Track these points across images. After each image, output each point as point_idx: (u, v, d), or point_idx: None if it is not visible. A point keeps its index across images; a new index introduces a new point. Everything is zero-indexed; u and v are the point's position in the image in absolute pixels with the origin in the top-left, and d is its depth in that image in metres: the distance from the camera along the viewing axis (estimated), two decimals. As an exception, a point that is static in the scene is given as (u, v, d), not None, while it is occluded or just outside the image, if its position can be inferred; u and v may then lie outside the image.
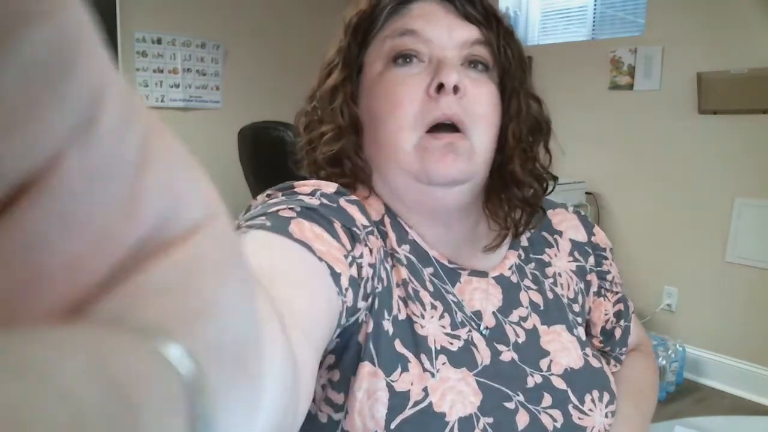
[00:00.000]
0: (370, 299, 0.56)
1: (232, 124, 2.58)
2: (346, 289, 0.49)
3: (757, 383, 2.30)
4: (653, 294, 2.59)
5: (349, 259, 0.51)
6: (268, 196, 0.56)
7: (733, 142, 2.29)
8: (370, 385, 0.54)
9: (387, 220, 0.63)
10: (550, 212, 0.73)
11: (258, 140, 2.24)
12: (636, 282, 2.60)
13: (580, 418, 0.63)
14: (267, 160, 2.14)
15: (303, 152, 0.68)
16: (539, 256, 0.71)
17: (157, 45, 2.85)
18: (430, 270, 0.63)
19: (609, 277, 0.76)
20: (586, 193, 2.74)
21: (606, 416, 0.65)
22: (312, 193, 0.54)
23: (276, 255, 0.45)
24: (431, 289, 0.61)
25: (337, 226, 0.52)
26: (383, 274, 0.57)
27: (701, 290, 2.45)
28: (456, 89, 0.59)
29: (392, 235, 0.62)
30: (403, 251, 0.62)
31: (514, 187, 0.66)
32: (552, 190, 0.70)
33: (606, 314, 0.75)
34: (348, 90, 0.64)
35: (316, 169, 0.66)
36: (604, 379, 0.68)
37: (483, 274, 0.66)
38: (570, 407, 0.63)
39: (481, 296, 0.64)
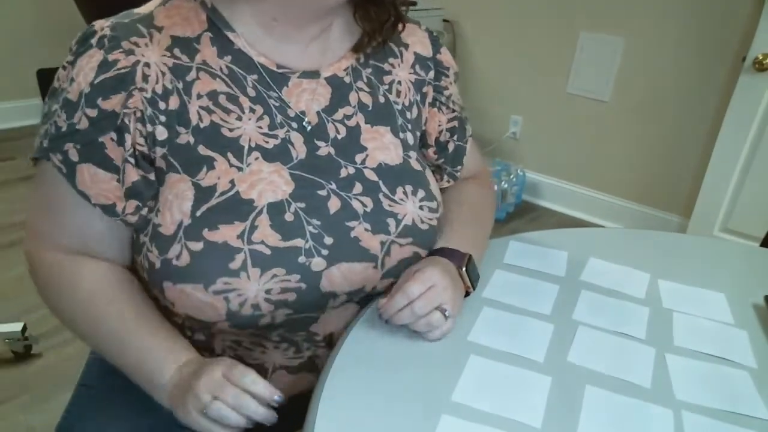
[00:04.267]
0: (160, 148, 0.62)
1: None
2: (128, 197, 0.62)
3: (581, 202, 2.62)
4: (501, 122, 2.75)
5: (129, 164, 0.61)
6: (65, 67, 0.62)
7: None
8: (179, 189, 0.62)
9: (206, 37, 0.64)
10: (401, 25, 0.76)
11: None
12: (486, 111, 2.72)
13: (390, 206, 0.70)
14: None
15: None
16: (380, 64, 0.75)
17: None
18: (254, 77, 0.66)
19: (446, 93, 0.81)
20: (444, 20, 2.71)
21: (421, 209, 0.72)
22: (78, 100, 0.59)
23: (73, 210, 0.63)
24: (252, 94, 0.65)
25: (108, 141, 0.60)
26: (166, 104, 0.61)
27: (543, 119, 2.64)
28: None
29: (209, 51, 0.64)
30: (223, 62, 0.64)
31: None
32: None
33: (440, 125, 0.81)
34: None
35: None
36: (422, 179, 0.75)
37: (315, 75, 0.69)
38: (380, 195, 0.69)
39: (308, 97, 0.68)
